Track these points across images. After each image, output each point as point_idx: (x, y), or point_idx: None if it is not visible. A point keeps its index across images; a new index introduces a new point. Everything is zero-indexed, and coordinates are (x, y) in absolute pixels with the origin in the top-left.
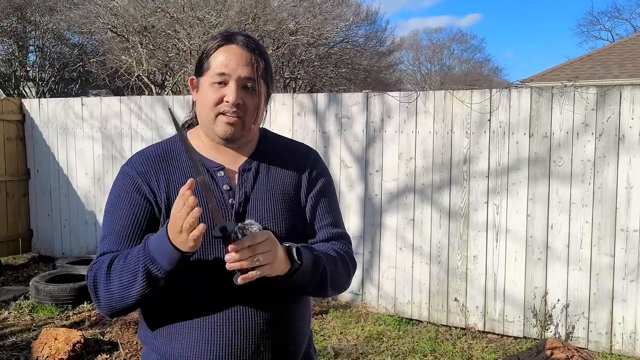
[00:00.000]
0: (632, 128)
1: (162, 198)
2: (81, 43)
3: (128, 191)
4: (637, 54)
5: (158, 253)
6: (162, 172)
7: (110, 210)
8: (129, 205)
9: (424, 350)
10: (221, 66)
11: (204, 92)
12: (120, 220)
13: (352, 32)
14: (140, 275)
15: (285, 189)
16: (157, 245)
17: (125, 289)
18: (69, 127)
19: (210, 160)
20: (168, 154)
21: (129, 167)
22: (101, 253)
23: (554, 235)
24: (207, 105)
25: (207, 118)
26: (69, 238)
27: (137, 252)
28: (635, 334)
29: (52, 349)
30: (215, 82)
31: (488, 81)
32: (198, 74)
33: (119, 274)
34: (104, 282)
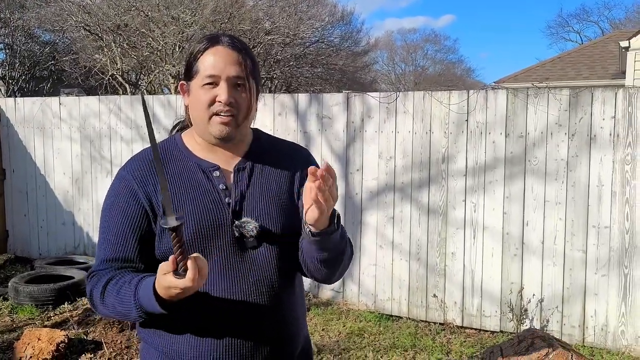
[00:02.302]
0: (603, 128)
1: (160, 203)
2: (52, 41)
3: (123, 196)
4: (605, 56)
5: (145, 302)
6: None
7: (106, 215)
8: (124, 211)
9: (404, 345)
10: (210, 68)
11: (195, 95)
12: (115, 226)
13: (327, 32)
14: (133, 315)
15: (279, 187)
16: (146, 301)
17: (123, 316)
18: (46, 126)
19: (206, 160)
20: (164, 154)
21: (126, 171)
22: (100, 260)
23: (529, 231)
24: (201, 108)
25: (201, 120)
26: (46, 239)
27: (128, 294)
28: (606, 326)
29: (36, 349)
30: (206, 83)
31: (461, 82)
32: (188, 78)
33: (112, 306)
34: (100, 304)
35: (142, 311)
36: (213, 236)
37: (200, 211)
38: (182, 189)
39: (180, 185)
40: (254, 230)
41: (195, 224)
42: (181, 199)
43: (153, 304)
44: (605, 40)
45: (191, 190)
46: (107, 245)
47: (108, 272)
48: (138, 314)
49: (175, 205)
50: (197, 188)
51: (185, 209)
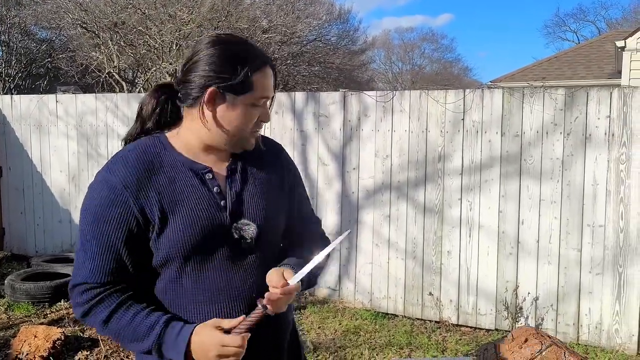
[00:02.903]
0: (598, 128)
1: (155, 211)
2: (49, 38)
3: (115, 207)
4: (602, 55)
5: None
6: (152, 182)
7: (89, 225)
8: (114, 225)
9: (400, 343)
10: (267, 90)
11: (243, 110)
12: (107, 237)
13: (324, 30)
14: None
15: (270, 184)
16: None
17: (122, 343)
18: (43, 124)
19: (197, 162)
20: (154, 158)
21: (114, 176)
22: (78, 283)
23: (524, 230)
24: (245, 123)
25: (240, 133)
26: (42, 236)
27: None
28: (601, 324)
29: (32, 346)
30: (258, 104)
31: (458, 81)
32: (235, 90)
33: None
34: (99, 325)
35: (158, 351)
36: (211, 240)
37: (198, 216)
38: (178, 195)
39: (175, 191)
40: (254, 232)
41: (194, 229)
42: (178, 205)
43: (179, 354)
44: (601, 40)
45: (187, 195)
46: (95, 258)
47: (114, 295)
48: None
49: (172, 211)
50: (193, 193)
51: (182, 215)
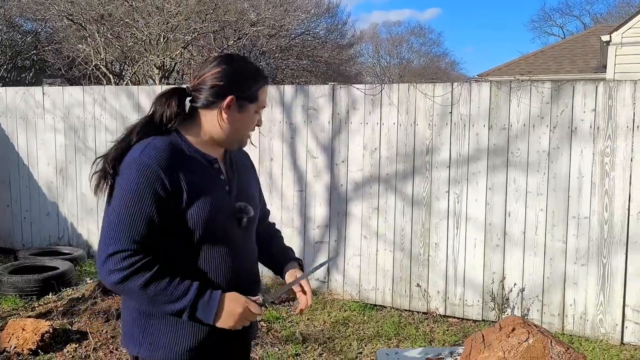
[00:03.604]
0: (584, 121)
1: (183, 188)
2: (35, 30)
3: (149, 181)
4: (587, 50)
5: (203, 313)
6: (179, 165)
7: (127, 198)
8: (150, 198)
9: (388, 334)
10: (264, 102)
11: (248, 116)
12: (139, 215)
13: (313, 24)
14: (173, 309)
15: (250, 178)
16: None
17: (154, 305)
18: (29, 116)
19: (209, 155)
20: (177, 147)
21: (148, 158)
22: (118, 250)
23: (511, 222)
24: (247, 127)
25: (243, 134)
26: (29, 229)
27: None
28: (585, 315)
29: (20, 340)
30: (258, 112)
31: (445, 75)
32: (247, 99)
33: (152, 296)
34: (137, 289)
35: (190, 312)
36: (222, 216)
37: (215, 196)
38: (200, 176)
39: (197, 172)
40: (251, 212)
41: (213, 204)
42: (200, 184)
43: (210, 318)
44: (587, 35)
45: (206, 179)
46: (133, 227)
47: (151, 264)
48: (181, 310)
49: (196, 189)
50: (209, 177)
51: (205, 193)
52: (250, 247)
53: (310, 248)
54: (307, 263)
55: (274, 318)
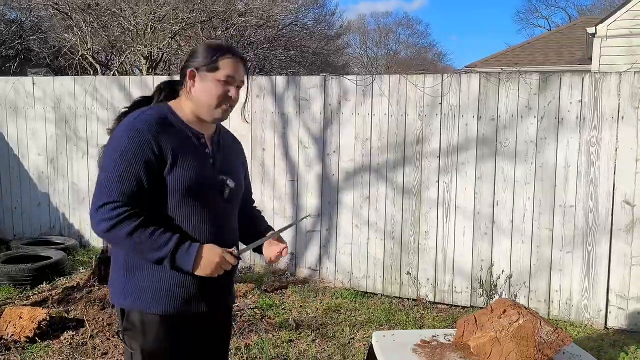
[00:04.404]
0: (570, 112)
1: (169, 153)
2: (19, 19)
3: (137, 143)
4: (572, 42)
5: (181, 261)
6: (166, 132)
7: (116, 159)
8: (138, 157)
9: (379, 320)
10: (232, 70)
11: (210, 84)
12: (128, 171)
13: (301, 14)
14: (155, 257)
15: (236, 158)
16: (183, 257)
17: (136, 252)
18: (19, 106)
19: (196, 129)
20: (166, 117)
21: (140, 123)
22: (118, 193)
23: (499, 210)
24: (212, 96)
25: (209, 104)
26: (20, 219)
27: (163, 243)
28: (570, 300)
29: (17, 327)
30: (222, 80)
31: (432, 66)
32: (203, 69)
33: (136, 244)
34: (123, 237)
35: (171, 261)
36: (205, 184)
37: (198, 163)
38: (185, 145)
39: (183, 142)
40: (232, 184)
41: (196, 171)
42: (185, 152)
43: (189, 266)
44: (572, 27)
45: (190, 149)
46: (122, 182)
47: (137, 214)
48: (161, 258)
49: (180, 156)
50: (193, 148)
51: (187, 160)
52: (230, 219)
53: (302, 237)
54: (299, 252)
55: (267, 305)
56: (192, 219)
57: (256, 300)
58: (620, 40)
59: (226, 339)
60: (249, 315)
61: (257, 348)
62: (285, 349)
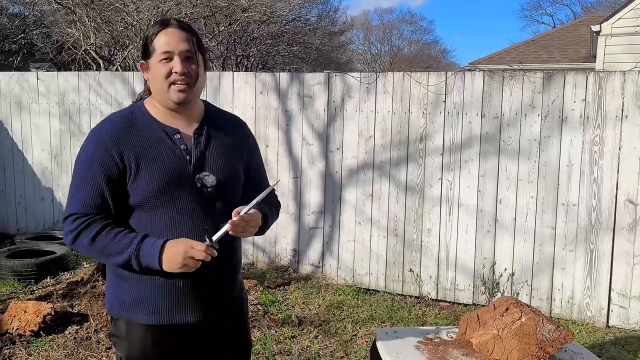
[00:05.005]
0: (574, 110)
1: (132, 159)
2: (22, 13)
3: (99, 152)
4: (577, 39)
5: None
6: (130, 135)
7: (81, 169)
8: (101, 166)
9: (381, 317)
10: (165, 45)
11: (154, 69)
12: (92, 177)
13: (304, 10)
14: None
15: (231, 150)
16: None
17: (104, 258)
18: (23, 101)
19: (167, 125)
20: (133, 120)
21: (101, 131)
22: (80, 204)
23: (502, 208)
24: (160, 79)
25: (161, 89)
26: (24, 214)
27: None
28: (572, 299)
29: (22, 321)
30: (162, 59)
31: (436, 63)
32: (146, 57)
33: (101, 248)
34: (85, 245)
35: (137, 261)
36: (178, 186)
37: (167, 166)
38: (152, 148)
39: (150, 145)
40: (213, 182)
41: (163, 176)
42: (151, 156)
43: (154, 262)
44: (577, 24)
45: (158, 149)
46: (81, 195)
47: (98, 222)
48: (128, 260)
49: (145, 160)
50: (163, 148)
51: (153, 164)
52: (221, 219)
53: (305, 234)
54: (302, 249)
55: (270, 301)
56: (168, 224)
57: (259, 297)
58: (625, 39)
59: (238, 351)
60: (251, 312)
61: (260, 344)
62: (288, 345)
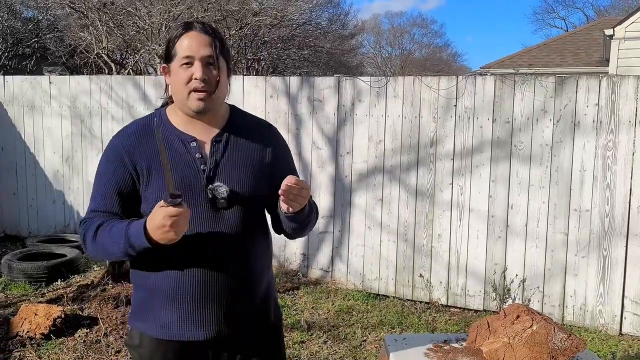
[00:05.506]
0: (587, 115)
1: (144, 168)
2: (36, 18)
3: (113, 162)
4: (590, 43)
5: (135, 239)
6: (144, 145)
7: (97, 175)
8: (114, 174)
9: (391, 322)
10: (186, 50)
11: (175, 74)
12: (104, 186)
13: (315, 14)
14: (120, 249)
15: (251, 157)
16: (134, 234)
17: (109, 253)
18: (36, 105)
19: (185, 133)
20: (149, 128)
21: (118, 140)
22: (89, 210)
23: (513, 214)
24: (180, 85)
25: (181, 96)
26: (36, 217)
27: (119, 231)
28: (585, 305)
29: (33, 324)
30: (183, 63)
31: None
32: (167, 61)
33: (102, 243)
34: (91, 243)
35: (129, 244)
36: (189, 197)
37: (179, 175)
38: None
39: None
40: (225, 193)
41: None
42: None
43: (141, 238)
44: (589, 28)
45: (172, 157)
46: (95, 200)
47: (99, 219)
48: (125, 248)
49: (157, 170)
50: (177, 156)
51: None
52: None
53: (315, 238)
54: (311, 253)
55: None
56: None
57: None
58: (639, 43)
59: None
60: None
61: None
62: (297, 350)
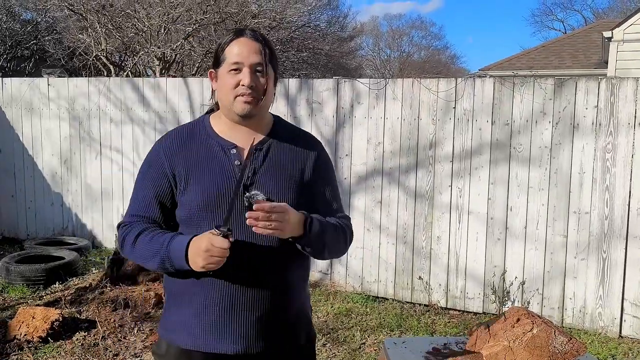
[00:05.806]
0: (586, 117)
1: (182, 174)
2: (34, 20)
3: (154, 165)
4: (588, 45)
5: (175, 258)
6: (185, 151)
7: (139, 179)
8: (153, 179)
9: (390, 325)
10: (235, 56)
11: (223, 79)
12: (143, 190)
13: (314, 16)
14: (157, 262)
15: (291, 168)
16: (175, 253)
17: (145, 262)
18: (34, 107)
19: (226, 139)
20: (190, 134)
21: (160, 145)
22: (129, 215)
23: (512, 216)
24: (227, 90)
25: (227, 100)
26: (34, 219)
27: (160, 245)
28: (584, 308)
29: (30, 327)
30: (232, 69)
31: (446, 68)
32: (216, 66)
33: (140, 251)
34: (129, 249)
35: (169, 260)
36: (225, 203)
37: (215, 182)
38: (203, 164)
39: (201, 161)
40: (262, 200)
41: (208, 193)
42: (200, 173)
43: (181, 261)
44: (588, 30)
45: (209, 164)
46: (135, 204)
47: (140, 224)
48: (162, 262)
49: (195, 175)
50: (215, 163)
51: (202, 180)
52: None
53: None
54: None
55: None
56: None
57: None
58: (637, 45)
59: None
60: None
61: None
62: None
